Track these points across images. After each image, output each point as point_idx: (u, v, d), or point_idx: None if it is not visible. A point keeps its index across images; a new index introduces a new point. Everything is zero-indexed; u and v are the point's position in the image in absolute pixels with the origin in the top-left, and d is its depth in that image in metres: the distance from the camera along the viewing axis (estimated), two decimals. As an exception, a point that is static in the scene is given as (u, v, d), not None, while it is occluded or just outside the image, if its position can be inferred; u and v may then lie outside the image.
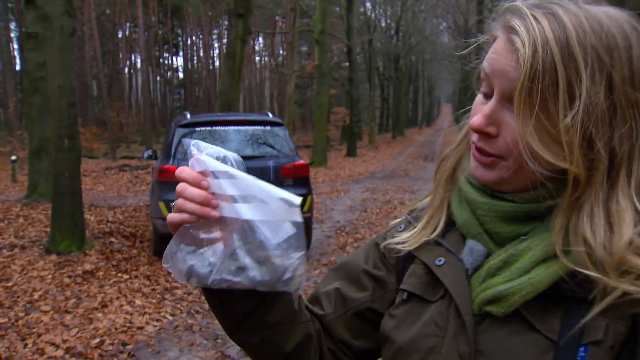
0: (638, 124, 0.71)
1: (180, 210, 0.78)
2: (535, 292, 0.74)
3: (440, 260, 0.86)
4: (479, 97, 0.79)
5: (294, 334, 0.91)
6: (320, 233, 8.56)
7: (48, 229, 7.31)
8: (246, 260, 0.76)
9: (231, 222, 0.76)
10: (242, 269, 0.76)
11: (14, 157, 16.09)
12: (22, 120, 24.39)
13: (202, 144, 0.79)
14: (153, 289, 5.71)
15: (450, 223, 0.89)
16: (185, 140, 0.83)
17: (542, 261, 0.74)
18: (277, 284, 0.78)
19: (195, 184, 0.77)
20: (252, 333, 0.88)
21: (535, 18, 0.69)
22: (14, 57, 36.32)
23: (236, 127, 6.91)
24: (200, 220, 0.77)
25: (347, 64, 32.92)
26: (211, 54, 44.50)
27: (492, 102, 0.74)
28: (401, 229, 0.96)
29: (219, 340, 4.49)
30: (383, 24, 46.09)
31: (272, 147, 6.95)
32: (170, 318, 4.96)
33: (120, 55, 38.97)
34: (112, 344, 4.35)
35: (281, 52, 44.64)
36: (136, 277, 6.07)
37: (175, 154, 6.44)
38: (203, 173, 0.76)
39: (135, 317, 4.92)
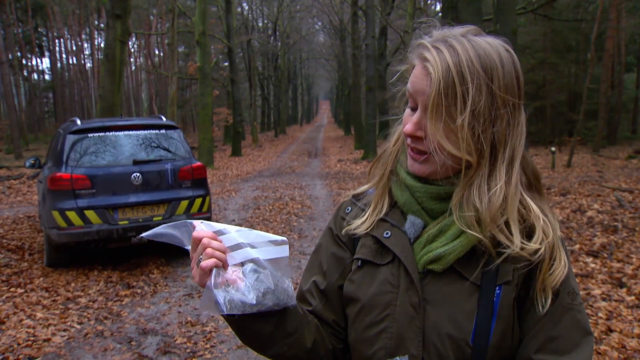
0: (511, 117, 0.99)
1: (212, 256, 0.98)
2: (464, 251, 1.03)
3: (387, 233, 1.11)
4: (408, 111, 1.07)
5: (309, 331, 1.13)
6: (218, 233, 8.61)
7: None
8: (265, 286, 1.01)
9: (246, 262, 1.02)
10: (264, 294, 1.01)
11: None
12: None
13: (206, 223, 1.03)
14: (54, 300, 5.54)
15: (390, 204, 1.16)
16: (195, 222, 1.03)
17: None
18: (287, 300, 1.04)
19: (214, 239, 0.99)
20: (281, 343, 1.09)
21: (439, 50, 0.98)
22: None
23: (129, 132, 6.73)
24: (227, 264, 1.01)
25: (226, 64, 32.82)
26: (83, 56, 41.95)
27: (418, 113, 1.02)
28: (349, 211, 1.23)
29: (133, 343, 4.51)
30: (260, 24, 46.31)
31: (167, 150, 6.90)
32: (78, 327, 4.88)
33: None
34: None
35: (157, 53, 43.32)
36: (32, 290, 5.85)
37: (68, 161, 6.19)
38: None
39: (39, 329, 4.78)
